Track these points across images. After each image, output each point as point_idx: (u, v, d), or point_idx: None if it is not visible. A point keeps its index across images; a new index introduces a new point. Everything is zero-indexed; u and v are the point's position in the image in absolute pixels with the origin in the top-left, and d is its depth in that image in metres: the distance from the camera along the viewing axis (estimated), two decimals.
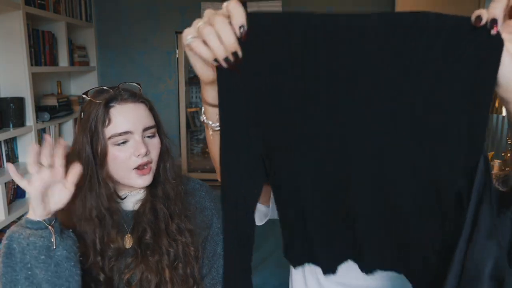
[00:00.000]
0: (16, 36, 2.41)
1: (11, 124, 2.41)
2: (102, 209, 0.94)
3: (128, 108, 0.94)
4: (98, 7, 3.54)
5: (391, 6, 3.38)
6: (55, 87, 3.20)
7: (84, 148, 0.92)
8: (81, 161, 0.92)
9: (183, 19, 3.52)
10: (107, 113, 0.92)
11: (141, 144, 0.93)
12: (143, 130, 0.95)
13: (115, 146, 0.93)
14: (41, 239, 0.82)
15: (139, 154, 0.93)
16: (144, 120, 0.95)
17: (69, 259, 0.85)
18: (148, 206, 0.99)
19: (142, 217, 0.99)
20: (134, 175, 0.95)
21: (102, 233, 0.95)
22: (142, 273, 0.95)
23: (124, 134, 0.92)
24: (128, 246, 0.99)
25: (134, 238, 0.98)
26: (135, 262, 0.96)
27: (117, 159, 0.93)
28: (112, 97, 0.93)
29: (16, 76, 2.46)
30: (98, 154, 0.93)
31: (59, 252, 0.84)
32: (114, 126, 0.92)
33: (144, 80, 3.59)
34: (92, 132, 0.92)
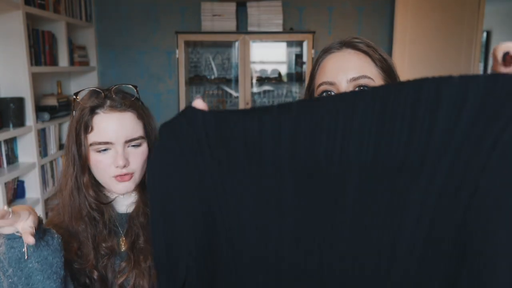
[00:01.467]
0: (16, 36, 2.41)
1: (11, 124, 2.41)
2: (90, 210, 0.95)
3: (112, 118, 0.92)
4: (98, 7, 3.54)
5: (391, 6, 3.38)
6: (55, 87, 3.20)
7: (70, 149, 0.94)
8: (69, 160, 0.95)
9: (183, 19, 3.52)
10: (90, 120, 0.91)
11: (121, 156, 0.91)
12: (125, 141, 0.93)
13: (97, 153, 0.93)
14: (11, 250, 0.78)
15: (117, 166, 0.92)
16: (128, 131, 0.93)
17: (42, 271, 0.80)
18: (140, 210, 0.99)
19: (135, 220, 0.99)
20: (114, 181, 0.95)
21: (93, 232, 0.96)
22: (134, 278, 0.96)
23: (104, 144, 0.92)
24: (123, 249, 0.99)
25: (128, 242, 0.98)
26: (128, 267, 0.96)
27: (98, 165, 0.93)
28: (99, 104, 0.92)
29: (16, 76, 2.46)
30: (81, 157, 0.94)
31: (30, 264, 0.79)
32: (95, 134, 0.92)
33: (144, 80, 3.59)
34: (76, 135, 0.93)
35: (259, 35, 3.37)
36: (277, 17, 3.32)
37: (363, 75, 0.77)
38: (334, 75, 0.79)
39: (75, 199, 0.94)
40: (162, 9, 3.53)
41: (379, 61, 0.80)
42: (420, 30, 3.22)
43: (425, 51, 3.26)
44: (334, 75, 0.79)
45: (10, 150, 2.49)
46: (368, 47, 0.81)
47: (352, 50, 0.81)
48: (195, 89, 3.73)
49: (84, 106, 0.92)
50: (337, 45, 0.83)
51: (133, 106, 0.95)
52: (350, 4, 3.49)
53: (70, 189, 0.95)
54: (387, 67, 0.81)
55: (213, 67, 3.69)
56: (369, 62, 0.80)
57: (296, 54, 3.67)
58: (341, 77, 0.78)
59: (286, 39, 3.56)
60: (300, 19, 3.53)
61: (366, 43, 0.82)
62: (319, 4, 3.50)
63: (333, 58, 0.81)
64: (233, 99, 3.73)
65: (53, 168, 2.85)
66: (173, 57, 3.53)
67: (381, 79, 0.80)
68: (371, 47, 0.82)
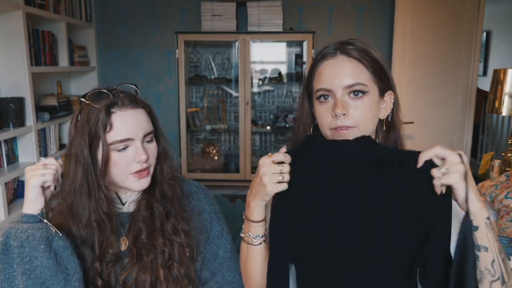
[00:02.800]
0: (16, 36, 2.41)
1: (11, 124, 2.41)
2: (101, 213, 0.95)
3: (129, 115, 0.94)
4: (98, 7, 3.54)
5: (391, 6, 3.38)
6: (55, 87, 3.20)
7: (82, 152, 0.92)
8: (78, 164, 0.93)
9: (183, 19, 3.53)
10: (108, 119, 0.92)
11: (142, 151, 0.94)
12: (143, 136, 0.95)
13: (116, 152, 0.93)
14: (39, 230, 0.87)
15: (139, 160, 0.94)
16: (144, 126, 0.96)
17: (66, 248, 0.89)
18: (143, 204, 1.00)
19: (137, 216, 0.99)
20: (132, 178, 0.96)
21: (101, 238, 0.95)
22: (137, 272, 0.96)
23: (125, 140, 0.93)
24: (124, 249, 0.99)
25: (130, 238, 0.98)
26: (130, 262, 0.97)
27: (117, 165, 0.94)
28: (113, 103, 0.93)
29: (16, 76, 2.46)
30: (97, 159, 0.93)
31: (56, 243, 0.88)
32: (115, 132, 0.92)
33: (144, 80, 3.59)
34: (92, 136, 0.92)
35: (259, 35, 3.37)
36: (277, 17, 3.32)
37: (357, 82, 0.85)
38: (330, 82, 0.86)
39: (84, 204, 0.94)
40: (162, 9, 3.53)
41: (371, 66, 0.87)
42: (420, 30, 3.22)
43: (425, 51, 3.26)
44: (330, 82, 0.86)
45: (10, 150, 2.49)
46: (361, 52, 0.87)
47: (346, 57, 0.87)
48: (195, 89, 3.74)
49: (97, 107, 0.92)
50: (331, 51, 0.89)
51: (142, 103, 0.98)
52: (350, 4, 3.49)
53: (79, 193, 0.94)
54: (379, 70, 0.88)
55: (213, 67, 3.69)
56: (362, 68, 0.86)
57: (296, 54, 3.67)
58: (336, 84, 0.86)
59: (286, 39, 3.56)
60: (300, 19, 3.53)
61: (358, 49, 0.88)
62: (319, 4, 3.50)
63: (328, 66, 0.88)
64: (233, 99, 3.73)
65: None
66: (173, 57, 3.54)
67: (373, 82, 0.88)
68: (364, 51, 0.88)
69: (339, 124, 0.85)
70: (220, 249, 1.08)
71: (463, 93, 3.39)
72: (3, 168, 2.40)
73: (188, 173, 3.48)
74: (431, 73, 3.30)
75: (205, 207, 1.09)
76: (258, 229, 0.89)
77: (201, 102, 3.75)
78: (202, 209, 1.08)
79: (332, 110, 0.85)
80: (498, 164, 2.65)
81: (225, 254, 1.09)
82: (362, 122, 0.86)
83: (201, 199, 1.10)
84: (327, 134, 0.88)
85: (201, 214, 1.08)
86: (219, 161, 3.73)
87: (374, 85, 0.87)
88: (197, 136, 3.82)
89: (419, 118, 3.25)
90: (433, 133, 3.38)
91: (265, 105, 3.78)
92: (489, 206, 2.21)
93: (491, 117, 4.98)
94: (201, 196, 1.10)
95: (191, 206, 1.07)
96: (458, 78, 3.36)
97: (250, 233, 0.89)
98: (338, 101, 0.85)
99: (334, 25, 3.52)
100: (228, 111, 3.75)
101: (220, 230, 1.10)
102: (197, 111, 3.73)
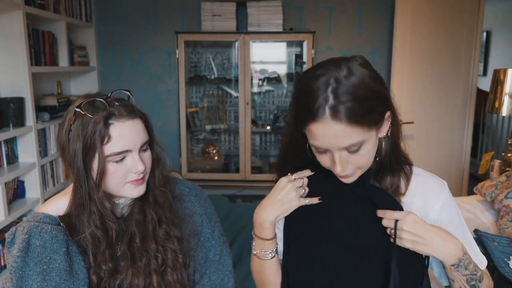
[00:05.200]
0: (16, 36, 2.41)
1: (11, 124, 2.41)
2: (92, 227, 0.93)
3: (127, 126, 0.91)
4: (98, 7, 3.54)
5: (391, 6, 3.38)
6: (55, 87, 3.20)
7: (75, 162, 0.90)
8: (72, 173, 0.92)
9: (183, 19, 3.53)
10: (106, 131, 0.88)
11: (139, 161, 0.93)
12: (140, 146, 0.94)
13: (113, 163, 0.91)
14: (61, 233, 0.89)
15: (137, 171, 0.93)
16: (141, 136, 0.94)
17: (78, 253, 0.92)
18: (137, 208, 0.99)
19: (130, 219, 0.99)
20: (130, 186, 0.95)
21: (95, 252, 0.95)
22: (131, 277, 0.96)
23: (123, 152, 0.91)
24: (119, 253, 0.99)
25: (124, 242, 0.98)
26: (125, 266, 0.97)
27: (114, 175, 0.92)
28: (111, 114, 0.90)
29: (16, 76, 2.46)
30: (91, 170, 0.91)
31: (71, 247, 0.91)
32: (113, 144, 0.90)
33: (144, 80, 3.59)
34: (88, 148, 0.89)
35: (259, 35, 3.37)
36: (277, 17, 3.32)
37: (352, 144, 0.78)
38: (325, 144, 0.79)
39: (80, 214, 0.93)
40: (162, 9, 3.53)
41: (365, 118, 0.77)
42: (420, 30, 3.22)
43: (425, 51, 3.26)
44: (324, 143, 0.79)
45: (10, 150, 2.49)
46: (353, 110, 0.75)
47: (337, 122, 0.76)
48: (195, 89, 3.74)
49: (93, 118, 0.88)
50: (320, 110, 0.76)
51: (140, 112, 0.96)
52: (350, 4, 3.49)
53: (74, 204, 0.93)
54: (373, 112, 0.79)
55: (213, 67, 3.69)
56: (356, 128, 0.77)
57: (296, 54, 3.67)
58: (333, 147, 0.80)
59: (286, 39, 3.56)
60: (300, 19, 3.53)
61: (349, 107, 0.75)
62: (319, 4, 3.50)
63: (319, 129, 0.77)
64: (233, 99, 3.73)
65: (53, 168, 2.85)
66: (173, 57, 3.54)
67: (369, 130, 0.79)
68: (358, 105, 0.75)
69: (341, 175, 0.84)
70: (210, 252, 1.07)
71: (463, 93, 3.39)
72: (3, 168, 2.40)
73: (188, 173, 3.48)
74: (431, 73, 3.29)
75: (196, 209, 1.08)
76: (270, 246, 0.95)
77: (201, 102, 3.75)
78: (193, 211, 1.07)
79: (331, 163, 0.83)
80: (498, 164, 2.65)
81: (214, 257, 1.08)
82: (363, 165, 0.84)
83: (193, 200, 1.08)
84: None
85: (192, 216, 1.07)
86: (219, 161, 3.73)
87: (372, 131, 0.81)
88: (197, 136, 3.81)
89: (419, 118, 3.25)
90: (433, 133, 3.38)
91: (265, 105, 3.78)
92: (489, 206, 2.21)
93: (491, 117, 4.97)
94: (192, 198, 1.09)
95: (182, 208, 1.06)
96: (458, 78, 3.36)
97: (264, 250, 0.95)
98: (336, 159, 0.81)
99: (334, 25, 3.52)
100: (228, 111, 3.75)
101: (210, 233, 1.08)
102: (197, 111, 3.73)
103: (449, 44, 3.30)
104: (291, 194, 0.90)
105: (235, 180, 3.48)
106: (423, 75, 3.28)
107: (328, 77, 0.77)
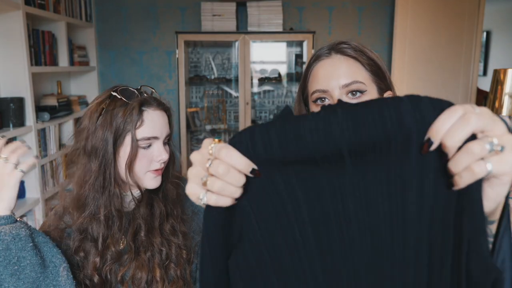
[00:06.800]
0: (16, 36, 2.41)
1: (11, 124, 2.41)
2: (112, 209, 0.95)
3: (157, 114, 0.97)
4: (98, 7, 3.54)
5: (391, 6, 3.38)
6: (55, 87, 3.20)
7: (104, 145, 0.93)
8: (95, 158, 0.94)
9: (183, 19, 3.53)
10: (140, 116, 0.94)
11: (164, 151, 0.97)
12: (165, 137, 0.99)
13: (140, 149, 0.95)
14: (22, 229, 0.85)
15: (161, 159, 0.97)
16: (167, 128, 1.00)
17: (46, 242, 0.89)
18: (144, 201, 1.01)
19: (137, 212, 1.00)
20: (150, 175, 0.98)
21: (106, 234, 0.96)
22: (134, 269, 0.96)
23: (152, 138, 0.96)
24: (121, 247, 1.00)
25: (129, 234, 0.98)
26: (129, 259, 0.97)
27: (140, 161, 0.95)
28: (145, 101, 0.96)
29: (16, 76, 2.46)
30: (118, 155, 0.94)
31: (37, 239, 0.88)
32: (144, 129, 0.95)
33: (144, 80, 3.59)
34: (120, 131, 0.93)
35: (259, 35, 3.37)
36: (277, 17, 3.33)
37: (354, 80, 0.81)
38: (326, 82, 0.82)
39: (96, 196, 0.95)
40: (162, 9, 3.53)
41: (368, 64, 0.83)
42: (420, 30, 3.22)
43: (425, 51, 3.26)
44: (326, 82, 0.82)
45: None
46: (356, 51, 0.84)
47: (342, 56, 0.83)
48: (195, 89, 3.74)
49: (129, 103, 0.94)
50: (326, 52, 0.85)
51: (166, 106, 1.02)
52: (350, 4, 3.49)
53: (92, 186, 0.94)
54: (376, 68, 0.85)
55: (213, 67, 3.69)
56: (359, 66, 0.83)
57: (296, 54, 3.67)
58: (333, 84, 0.81)
59: (286, 39, 3.56)
60: (300, 19, 3.53)
61: (353, 47, 0.84)
62: (319, 4, 3.50)
63: (323, 66, 0.84)
64: (233, 99, 3.73)
65: (53, 168, 2.85)
66: (173, 57, 3.53)
67: (371, 81, 0.84)
68: (359, 50, 0.84)
69: None
70: None
71: (463, 93, 3.39)
72: None
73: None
74: (431, 73, 3.30)
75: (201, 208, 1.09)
76: None
77: (201, 102, 3.75)
78: (198, 209, 1.08)
79: None
80: None
81: None
82: None
83: None
84: None
85: (198, 214, 1.08)
86: None
87: (373, 84, 0.84)
88: (197, 136, 3.81)
89: None
90: None
91: (265, 105, 3.78)
92: None
93: None
94: None
95: (188, 205, 1.08)
96: (458, 78, 3.36)
97: None
98: (336, 101, 0.82)
99: (334, 25, 3.52)
100: (228, 111, 3.75)
101: None
102: (197, 111, 3.73)
103: (449, 44, 3.30)
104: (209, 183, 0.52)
105: None
106: (423, 75, 3.28)
107: (335, 41, 0.87)
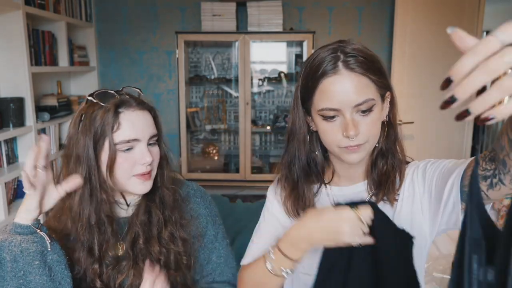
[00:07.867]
0: (16, 36, 2.41)
1: (11, 124, 2.41)
2: (102, 215, 0.93)
3: (136, 115, 0.93)
4: (98, 7, 3.54)
5: (391, 6, 3.38)
6: (55, 87, 3.20)
7: (86, 152, 0.91)
8: (80, 164, 0.91)
9: (183, 19, 3.53)
10: (116, 118, 0.90)
11: (147, 152, 0.93)
12: (149, 138, 0.95)
13: (120, 153, 0.92)
14: (33, 244, 0.82)
15: (144, 162, 0.93)
16: (150, 129, 0.95)
17: (60, 262, 0.85)
18: (142, 208, 0.99)
19: (135, 220, 0.98)
20: (135, 181, 0.94)
21: (101, 240, 0.94)
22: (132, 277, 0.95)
23: (132, 141, 0.92)
24: (120, 253, 0.99)
25: (127, 242, 0.97)
26: (127, 266, 0.96)
27: (121, 166, 0.92)
28: (121, 102, 0.92)
29: (16, 76, 2.46)
30: (101, 160, 0.92)
31: (50, 256, 0.84)
32: (122, 132, 0.91)
33: (144, 80, 3.59)
34: (98, 136, 0.90)
35: (259, 35, 3.37)
36: (277, 17, 3.33)
37: (366, 99, 0.79)
38: (338, 102, 0.80)
39: (85, 205, 0.92)
40: (162, 9, 3.53)
41: (375, 76, 0.81)
42: (420, 30, 3.22)
43: (425, 51, 3.26)
44: (337, 102, 0.80)
45: (10, 150, 2.49)
46: (363, 63, 0.79)
47: (350, 72, 0.79)
48: (195, 89, 3.74)
49: (105, 106, 0.91)
50: (331, 66, 0.80)
51: (149, 105, 0.98)
52: (350, 4, 3.49)
53: (80, 195, 0.92)
54: (380, 75, 0.82)
55: (213, 67, 3.69)
56: (368, 83, 0.80)
57: (296, 54, 3.67)
58: (345, 104, 0.79)
59: (286, 39, 3.56)
60: (300, 19, 3.53)
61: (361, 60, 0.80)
62: (319, 4, 3.50)
63: (333, 83, 0.79)
64: (233, 99, 3.73)
65: (53, 168, 2.84)
66: (173, 57, 3.53)
67: (377, 92, 0.82)
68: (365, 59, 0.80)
69: (351, 144, 0.81)
70: (213, 254, 1.07)
71: None
72: (3, 168, 2.40)
73: (188, 173, 3.48)
74: (431, 73, 3.29)
75: (201, 211, 1.08)
76: (293, 265, 0.85)
77: (201, 102, 3.75)
78: (198, 213, 1.07)
79: (342, 130, 0.81)
80: None
81: (218, 259, 1.08)
82: (372, 136, 0.83)
83: (198, 202, 1.09)
84: (335, 150, 0.85)
85: (197, 218, 1.07)
86: (219, 161, 3.73)
87: (378, 95, 0.83)
88: (197, 136, 3.81)
89: (419, 118, 3.25)
90: (433, 133, 3.38)
91: (265, 105, 3.78)
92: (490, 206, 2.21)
93: None
94: (198, 200, 1.09)
95: (188, 209, 1.06)
96: None
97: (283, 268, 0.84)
98: (349, 121, 0.80)
99: (334, 25, 3.52)
100: (228, 111, 3.75)
101: (214, 235, 1.09)
102: (197, 111, 3.73)
103: (449, 44, 3.26)
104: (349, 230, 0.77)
105: (235, 180, 3.48)
106: (423, 75, 3.28)
107: (334, 45, 0.83)
